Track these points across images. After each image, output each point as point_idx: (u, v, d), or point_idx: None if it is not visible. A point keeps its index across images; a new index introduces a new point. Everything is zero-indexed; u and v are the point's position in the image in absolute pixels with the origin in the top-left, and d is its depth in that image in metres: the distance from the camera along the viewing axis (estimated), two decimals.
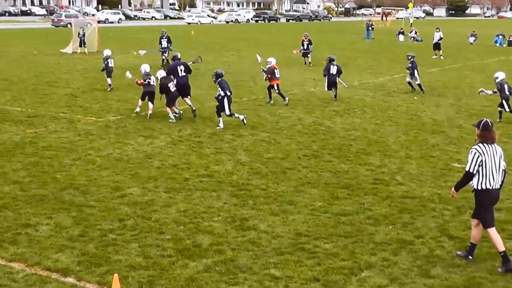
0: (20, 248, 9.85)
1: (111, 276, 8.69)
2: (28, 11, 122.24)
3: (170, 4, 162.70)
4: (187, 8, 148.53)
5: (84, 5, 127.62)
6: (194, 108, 20.56)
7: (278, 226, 11.09)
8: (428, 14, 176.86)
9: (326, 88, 25.35)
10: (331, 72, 24.90)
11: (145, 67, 21.02)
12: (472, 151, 9.70)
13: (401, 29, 67.33)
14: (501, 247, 9.57)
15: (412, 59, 27.32)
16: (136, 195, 12.61)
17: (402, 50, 48.07)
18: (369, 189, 13.35)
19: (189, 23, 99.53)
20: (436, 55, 45.81)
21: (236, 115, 19.37)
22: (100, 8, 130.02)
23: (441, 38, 46.30)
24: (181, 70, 20.58)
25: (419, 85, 27.34)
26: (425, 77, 33.63)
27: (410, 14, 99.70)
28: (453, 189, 10.24)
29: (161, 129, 18.79)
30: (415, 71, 27.28)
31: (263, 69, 23.82)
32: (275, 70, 23.53)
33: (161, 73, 20.45)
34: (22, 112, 21.08)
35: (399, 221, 11.45)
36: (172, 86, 19.95)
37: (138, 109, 20.94)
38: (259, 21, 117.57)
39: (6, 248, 9.85)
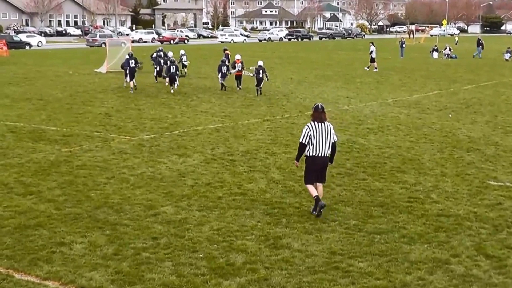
0: (54, 267, 9.90)
1: None
2: (64, 32, 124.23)
3: (204, 23, 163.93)
4: (220, 27, 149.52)
5: (119, 25, 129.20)
6: (131, 87, 32.44)
7: (312, 245, 11.01)
8: (463, 30, 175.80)
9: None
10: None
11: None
12: (304, 127, 12.53)
13: (435, 46, 66.93)
14: (314, 194, 12.49)
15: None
16: (169, 214, 12.62)
17: (436, 68, 47.80)
18: (404, 207, 13.20)
19: (222, 42, 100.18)
20: (368, 67, 47.98)
21: None
22: (134, 28, 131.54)
23: (371, 52, 48.33)
24: (131, 62, 32.23)
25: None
26: (460, 94, 33.40)
27: (444, 31, 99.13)
28: (295, 160, 13.08)
29: (194, 148, 18.85)
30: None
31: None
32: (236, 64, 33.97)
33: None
34: (57, 131, 21.31)
35: (434, 240, 11.29)
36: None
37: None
38: (292, 39, 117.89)
39: (40, 267, 9.90)
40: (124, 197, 13.68)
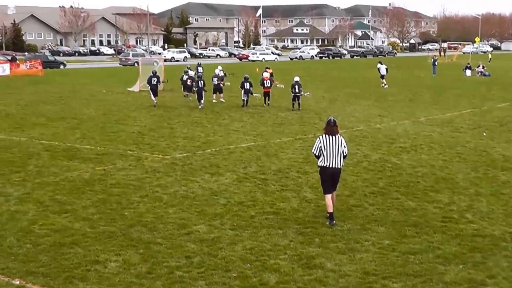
0: (89, 285, 9.98)
1: None
2: (97, 51, 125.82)
3: (235, 42, 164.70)
4: (251, 46, 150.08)
5: (151, 44, 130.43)
6: (155, 102, 34.93)
7: (345, 265, 10.96)
8: (496, 48, 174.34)
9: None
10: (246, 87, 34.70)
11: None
12: (316, 139, 13.44)
13: (468, 63, 66.43)
14: (330, 209, 13.15)
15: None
16: (202, 232, 12.66)
17: (469, 85, 47.40)
18: (438, 227, 13.09)
19: (253, 61, 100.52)
20: (385, 84, 48.88)
21: None
22: (166, 47, 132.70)
23: (386, 70, 49.88)
24: (154, 80, 35.00)
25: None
26: (494, 112, 33.10)
27: (477, 48, 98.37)
28: None
29: (226, 167, 18.90)
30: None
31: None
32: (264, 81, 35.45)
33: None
34: (91, 150, 21.51)
35: (470, 261, 11.17)
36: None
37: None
38: (323, 58, 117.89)
39: (76, 285, 9.99)
40: (158, 216, 13.76)
